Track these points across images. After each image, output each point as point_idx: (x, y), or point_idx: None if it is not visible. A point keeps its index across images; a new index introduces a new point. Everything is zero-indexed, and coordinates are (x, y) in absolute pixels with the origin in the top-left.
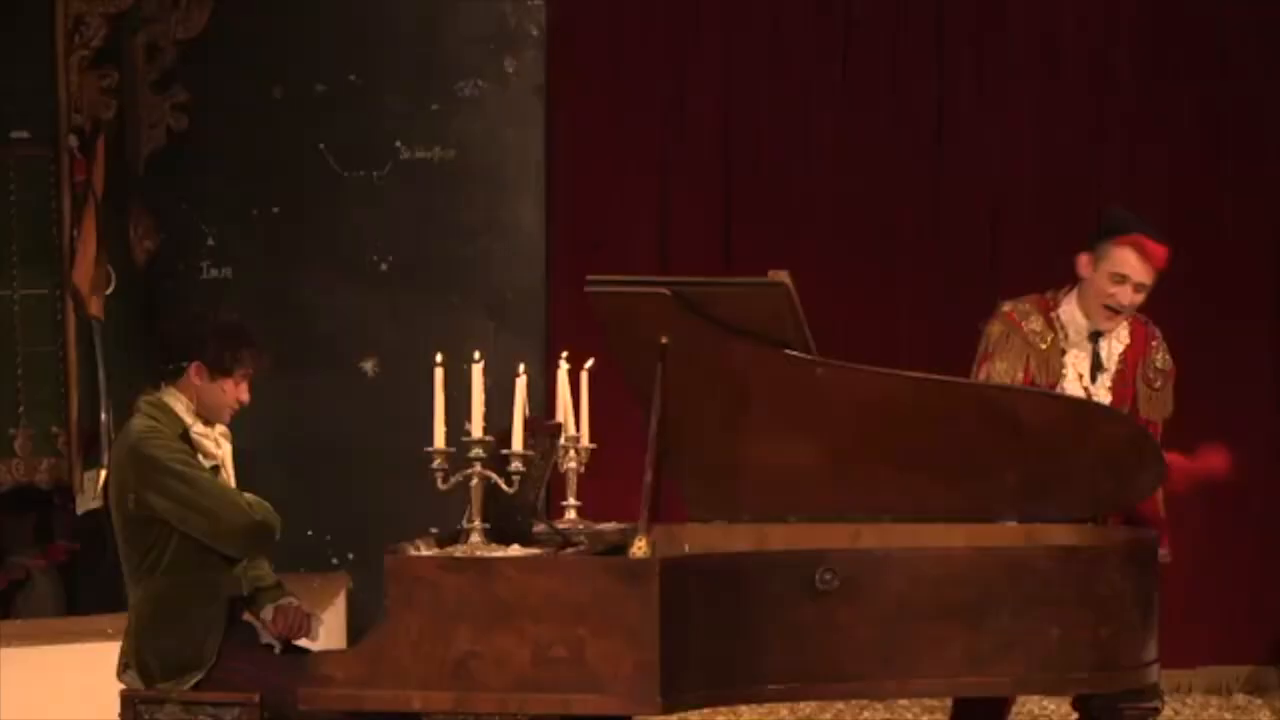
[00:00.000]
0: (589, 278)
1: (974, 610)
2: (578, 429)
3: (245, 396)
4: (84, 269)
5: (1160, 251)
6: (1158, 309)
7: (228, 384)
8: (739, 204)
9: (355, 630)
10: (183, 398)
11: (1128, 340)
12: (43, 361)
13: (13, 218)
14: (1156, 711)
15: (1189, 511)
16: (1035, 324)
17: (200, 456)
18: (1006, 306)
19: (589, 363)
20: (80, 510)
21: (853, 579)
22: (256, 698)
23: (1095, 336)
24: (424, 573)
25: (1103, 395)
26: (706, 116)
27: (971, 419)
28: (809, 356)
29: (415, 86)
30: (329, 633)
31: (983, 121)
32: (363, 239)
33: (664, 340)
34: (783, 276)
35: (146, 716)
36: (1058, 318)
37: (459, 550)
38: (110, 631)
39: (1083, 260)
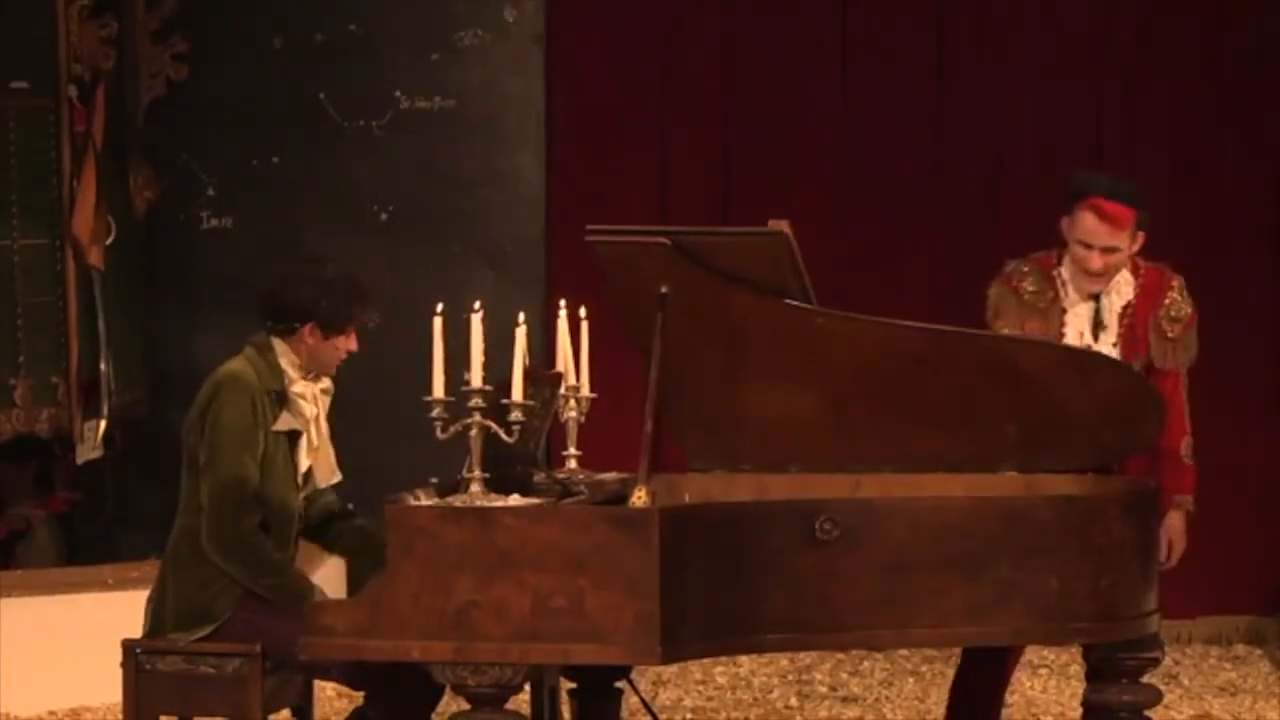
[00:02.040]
0: (589, 227)
1: (973, 560)
2: (577, 378)
3: (354, 346)
4: (84, 219)
5: (1118, 212)
6: (1156, 253)
7: (340, 340)
8: (739, 154)
9: (355, 580)
10: (290, 353)
11: (1133, 295)
12: (42, 311)
13: (12, 168)
14: (1156, 662)
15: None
16: (1033, 284)
17: (286, 415)
18: (1008, 267)
19: (584, 311)
20: (80, 460)
21: (852, 529)
22: (258, 648)
23: (1095, 295)
24: (424, 523)
25: (1107, 352)
26: (707, 66)
27: (972, 369)
28: (809, 306)
29: (415, 36)
30: (329, 584)
31: (983, 70)
32: (362, 189)
33: (664, 290)
34: (783, 226)
35: (148, 666)
36: (1059, 275)
37: (459, 500)
38: (110, 582)
39: (1064, 223)
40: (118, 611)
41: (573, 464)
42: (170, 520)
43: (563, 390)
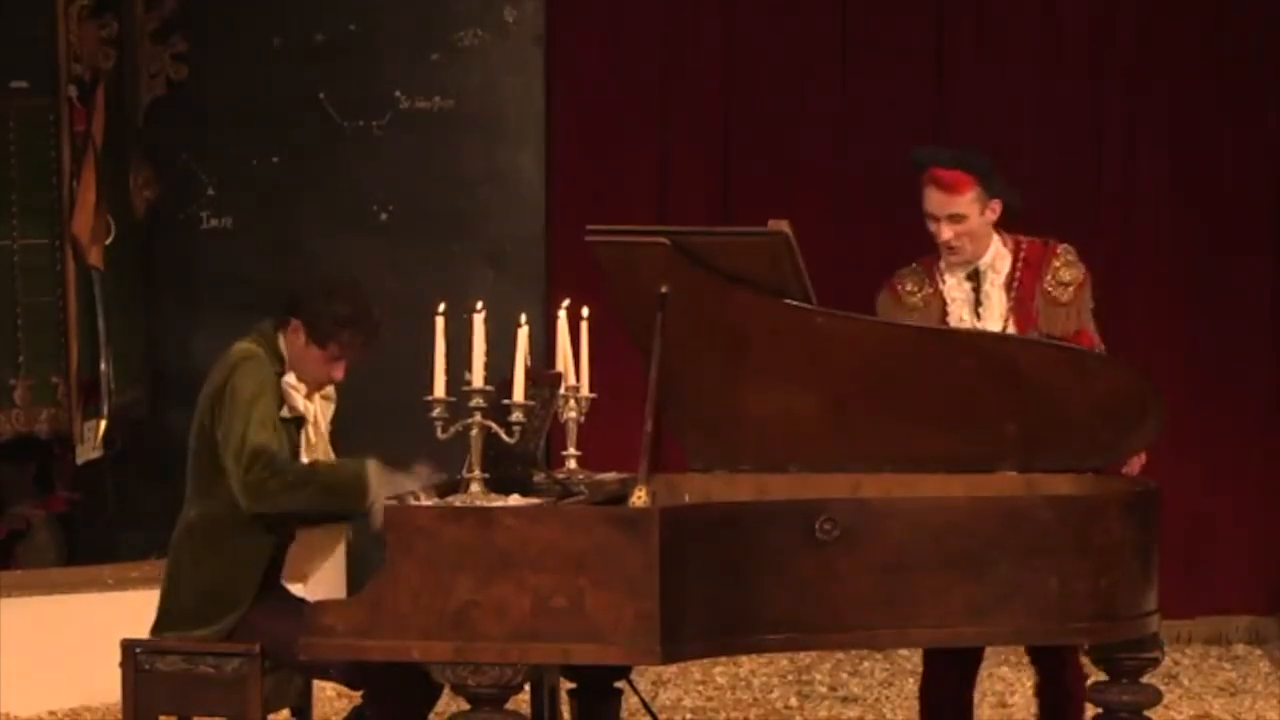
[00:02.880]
0: (589, 227)
1: (973, 560)
2: (577, 378)
3: (337, 375)
4: (84, 219)
5: (951, 178)
6: (1157, 254)
7: (318, 353)
8: (739, 154)
9: (355, 580)
10: (283, 347)
11: (1010, 268)
12: (42, 311)
13: (12, 168)
14: (1156, 662)
15: (1190, 463)
16: (912, 283)
17: (284, 409)
18: (895, 275)
19: (585, 311)
20: (80, 460)
21: (852, 529)
22: (258, 648)
23: (974, 275)
24: (424, 522)
25: (993, 326)
26: (706, 66)
27: (971, 369)
28: (809, 306)
29: (415, 36)
30: (329, 584)
31: (983, 70)
32: (362, 189)
33: (664, 289)
34: (783, 226)
35: (147, 666)
36: (939, 269)
37: (459, 500)
38: (110, 582)
39: None
40: (118, 611)
41: (572, 464)
42: (170, 520)
43: (563, 390)
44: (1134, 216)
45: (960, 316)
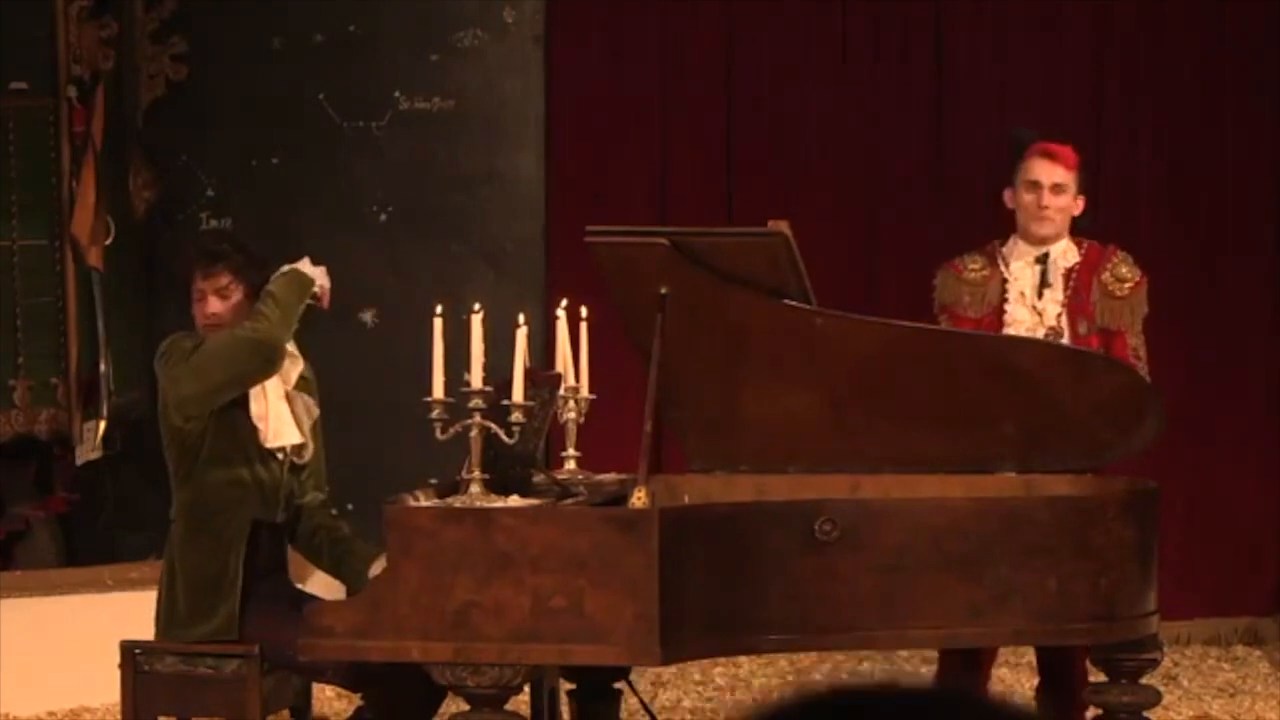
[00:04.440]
0: (589, 228)
1: (973, 561)
2: (577, 379)
3: (206, 309)
4: (83, 219)
5: (1061, 150)
6: (1157, 254)
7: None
8: (739, 155)
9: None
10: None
11: (1078, 260)
12: (42, 312)
13: (12, 169)
14: (1155, 663)
15: (1189, 463)
16: (973, 261)
17: None
18: (955, 259)
19: (584, 311)
20: (79, 461)
21: (852, 530)
22: (256, 649)
23: (1043, 258)
24: (423, 523)
25: (1051, 310)
26: (706, 67)
27: (970, 369)
28: (808, 307)
29: (414, 37)
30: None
31: (983, 69)
32: (362, 189)
33: (663, 290)
34: (782, 226)
35: (146, 667)
36: (1000, 253)
37: (458, 501)
38: (109, 582)
39: (1007, 195)
40: (117, 612)
41: (572, 465)
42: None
43: (562, 391)
44: (1134, 217)
45: (1021, 292)
